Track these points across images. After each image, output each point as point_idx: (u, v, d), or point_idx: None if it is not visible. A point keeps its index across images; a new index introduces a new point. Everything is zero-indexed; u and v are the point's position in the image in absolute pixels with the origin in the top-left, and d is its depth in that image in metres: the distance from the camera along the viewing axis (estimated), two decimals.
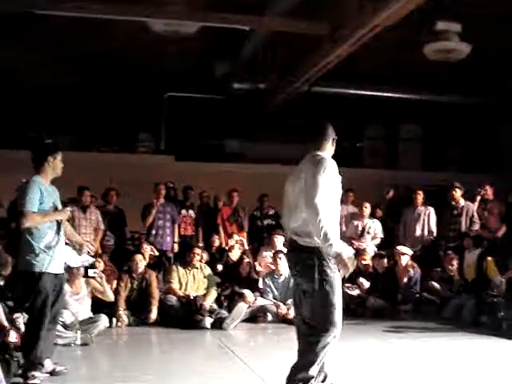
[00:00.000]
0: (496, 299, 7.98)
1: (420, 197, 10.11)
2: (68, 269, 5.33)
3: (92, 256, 6.01)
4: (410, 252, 9.38)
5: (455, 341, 6.94)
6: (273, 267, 8.91)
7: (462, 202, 9.87)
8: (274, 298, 8.61)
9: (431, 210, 10.04)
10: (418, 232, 9.97)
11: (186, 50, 11.13)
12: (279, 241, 9.36)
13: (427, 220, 10.00)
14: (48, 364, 4.92)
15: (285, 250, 9.16)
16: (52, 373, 4.94)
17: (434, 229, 9.97)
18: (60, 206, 5.08)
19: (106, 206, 10.01)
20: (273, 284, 8.75)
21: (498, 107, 13.37)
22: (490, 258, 8.62)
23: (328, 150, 4.18)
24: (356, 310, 8.62)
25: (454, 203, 9.90)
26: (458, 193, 9.89)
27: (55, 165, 5.02)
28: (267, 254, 9.45)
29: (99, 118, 13.07)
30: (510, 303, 7.63)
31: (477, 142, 14.11)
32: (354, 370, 5.15)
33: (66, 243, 5.28)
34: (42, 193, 4.88)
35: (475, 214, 9.79)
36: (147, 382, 4.86)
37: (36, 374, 4.75)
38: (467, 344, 6.75)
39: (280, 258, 8.70)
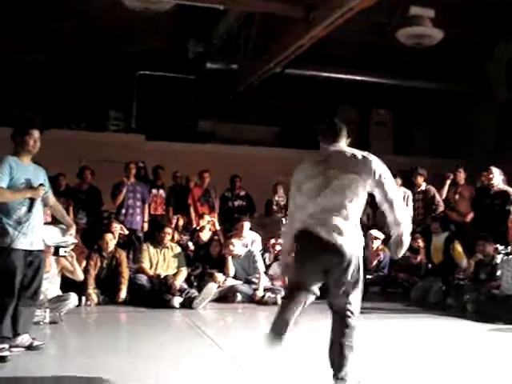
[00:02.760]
0: (462, 282, 8.15)
1: (399, 181, 10.14)
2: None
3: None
4: (382, 236, 9.50)
5: (422, 322, 7.09)
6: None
7: (423, 186, 10.00)
8: (234, 277, 8.74)
9: (409, 193, 10.09)
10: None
11: (160, 29, 11.02)
12: (246, 227, 9.44)
13: (406, 203, 10.05)
14: (26, 339, 4.98)
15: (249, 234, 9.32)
16: (29, 347, 4.99)
17: (412, 212, 10.04)
18: (37, 184, 5.03)
19: (80, 184, 9.95)
20: (234, 262, 8.84)
21: (468, 94, 13.54)
22: (457, 242, 8.77)
23: None
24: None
25: (416, 188, 10.02)
26: (419, 178, 10.01)
27: (27, 142, 4.99)
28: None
29: (69, 96, 12.86)
30: (475, 286, 7.80)
31: (447, 127, 14.27)
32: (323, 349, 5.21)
33: (51, 223, 5.27)
34: (12, 168, 4.87)
35: (437, 197, 9.91)
36: (117, 361, 4.86)
37: (4, 346, 4.76)
38: (433, 325, 6.89)
39: (233, 245, 8.88)
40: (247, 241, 9.39)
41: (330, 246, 3.77)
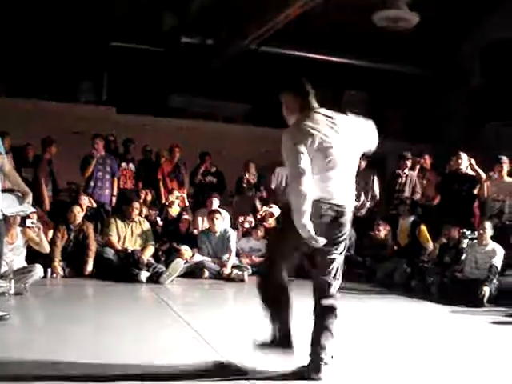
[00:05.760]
0: (426, 265, 8.29)
1: (363, 162, 10.19)
2: (3, 217, 5.17)
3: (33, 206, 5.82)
4: None
5: (386, 303, 7.19)
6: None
7: (406, 171, 10.11)
8: (209, 254, 8.76)
9: (375, 175, 10.20)
10: (362, 197, 10.12)
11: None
12: (215, 203, 9.53)
13: (371, 185, 10.15)
14: None
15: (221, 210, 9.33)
16: None
17: (377, 193, 10.17)
18: None
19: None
20: (208, 240, 8.85)
21: (442, 78, 13.63)
22: (423, 225, 8.89)
23: None
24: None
25: (400, 172, 10.10)
26: (408, 163, 10.11)
27: None
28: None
29: (40, 65, 12.60)
30: (439, 269, 7.93)
31: (419, 111, 14.37)
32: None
33: (8, 190, 5.15)
34: None
35: (417, 183, 10.05)
36: (82, 334, 4.84)
37: None
38: (397, 306, 7.00)
39: (217, 219, 8.88)
40: None
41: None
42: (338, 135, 3.70)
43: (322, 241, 3.55)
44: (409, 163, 10.13)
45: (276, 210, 9.67)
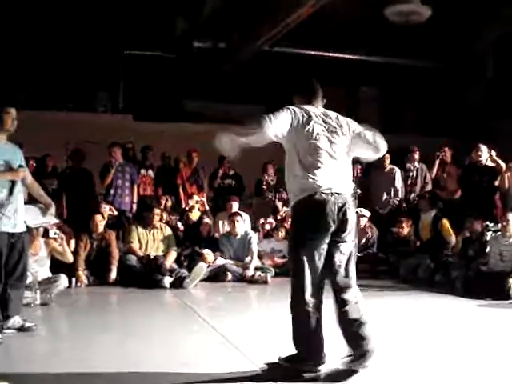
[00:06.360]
0: (450, 259, 8.23)
1: (387, 160, 10.12)
2: (27, 229, 5.22)
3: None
4: (368, 214, 9.55)
5: (411, 299, 7.15)
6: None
7: (416, 163, 10.11)
8: (231, 257, 8.79)
9: (397, 171, 10.16)
10: (385, 194, 10.08)
11: (147, 7, 10.91)
12: (234, 206, 9.56)
13: (393, 181, 10.11)
14: (17, 320, 4.95)
15: (241, 213, 9.33)
16: (21, 329, 4.96)
17: (399, 190, 10.11)
18: (17, 165, 4.96)
19: (73, 166, 9.90)
20: (229, 243, 8.88)
21: (459, 72, 13.52)
22: (445, 219, 8.82)
23: None
24: None
25: (410, 165, 10.08)
26: (415, 155, 10.10)
27: (5, 121, 4.89)
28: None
29: (57, 77, 12.71)
30: (463, 263, 7.87)
31: (435, 105, 14.26)
32: None
33: (30, 202, 5.21)
34: None
35: (428, 174, 10.03)
36: (109, 342, 4.87)
37: None
38: (422, 302, 6.95)
39: (238, 221, 8.94)
40: None
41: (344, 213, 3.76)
42: (331, 129, 3.84)
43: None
44: (416, 155, 10.21)
45: None
